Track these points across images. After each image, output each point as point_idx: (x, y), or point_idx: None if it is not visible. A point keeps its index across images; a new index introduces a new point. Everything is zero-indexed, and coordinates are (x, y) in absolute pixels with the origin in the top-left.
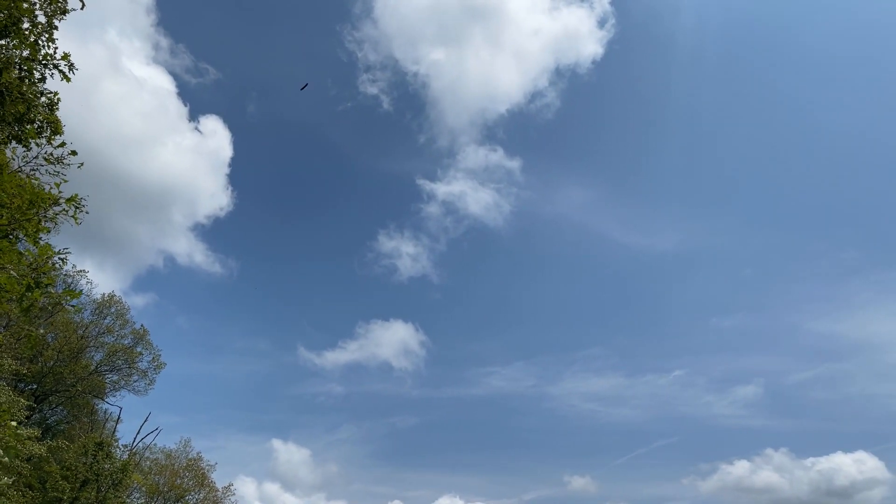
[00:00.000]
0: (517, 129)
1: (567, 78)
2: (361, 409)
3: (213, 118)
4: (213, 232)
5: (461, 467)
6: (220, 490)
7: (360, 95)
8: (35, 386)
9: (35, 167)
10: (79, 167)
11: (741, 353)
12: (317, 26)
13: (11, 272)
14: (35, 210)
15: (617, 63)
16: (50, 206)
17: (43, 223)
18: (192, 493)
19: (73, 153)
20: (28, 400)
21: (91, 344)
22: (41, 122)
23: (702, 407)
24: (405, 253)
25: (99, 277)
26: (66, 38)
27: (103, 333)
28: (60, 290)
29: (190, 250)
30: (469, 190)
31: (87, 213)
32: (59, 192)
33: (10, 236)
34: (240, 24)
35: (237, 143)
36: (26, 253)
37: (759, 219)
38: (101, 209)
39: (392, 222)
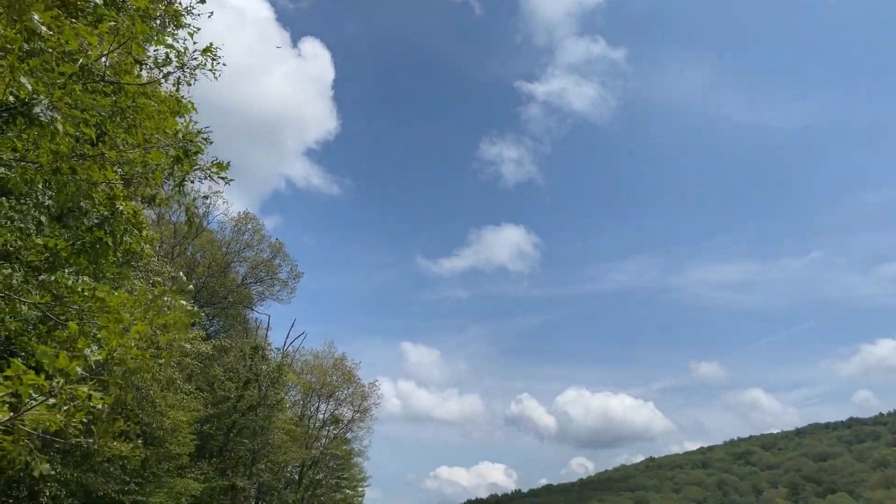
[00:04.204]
0: (619, 15)
1: None
2: (485, 311)
3: (313, 40)
4: (325, 155)
5: (586, 360)
6: (367, 386)
7: (451, 6)
8: (192, 301)
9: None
10: (209, 16)
11: (890, 229)
12: None
13: (159, 139)
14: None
15: None
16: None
17: (182, 76)
18: (342, 390)
19: (202, 1)
20: None
21: (235, 259)
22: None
23: (843, 288)
24: (508, 158)
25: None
26: None
27: (244, 249)
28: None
29: (306, 173)
30: (571, 86)
31: (224, 64)
32: (195, 42)
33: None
34: None
35: (338, 64)
36: (168, 124)
37: None
38: (222, 141)
39: (493, 129)
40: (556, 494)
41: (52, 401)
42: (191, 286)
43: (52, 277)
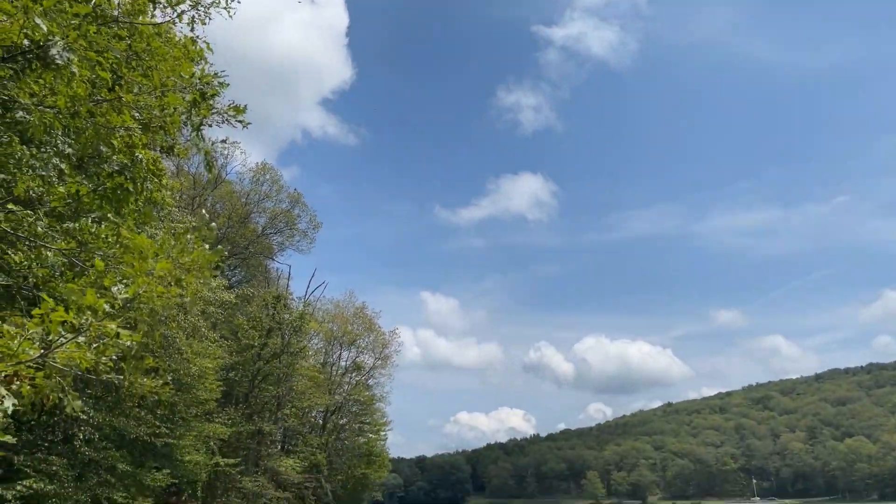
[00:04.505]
0: None
1: None
2: (503, 260)
3: None
4: (341, 104)
5: (605, 309)
6: (387, 334)
7: None
8: (216, 242)
9: None
10: None
11: None
12: None
13: (175, 81)
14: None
15: None
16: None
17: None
18: (363, 338)
19: None
20: None
21: (254, 209)
22: None
23: (868, 233)
24: (526, 105)
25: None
26: None
27: (263, 199)
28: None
29: (323, 123)
30: (589, 30)
31: (238, 1)
32: None
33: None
34: None
35: (351, 10)
36: (184, 67)
37: None
38: (236, 92)
39: (510, 75)
40: (575, 439)
41: (81, 338)
42: (214, 224)
43: (76, 225)
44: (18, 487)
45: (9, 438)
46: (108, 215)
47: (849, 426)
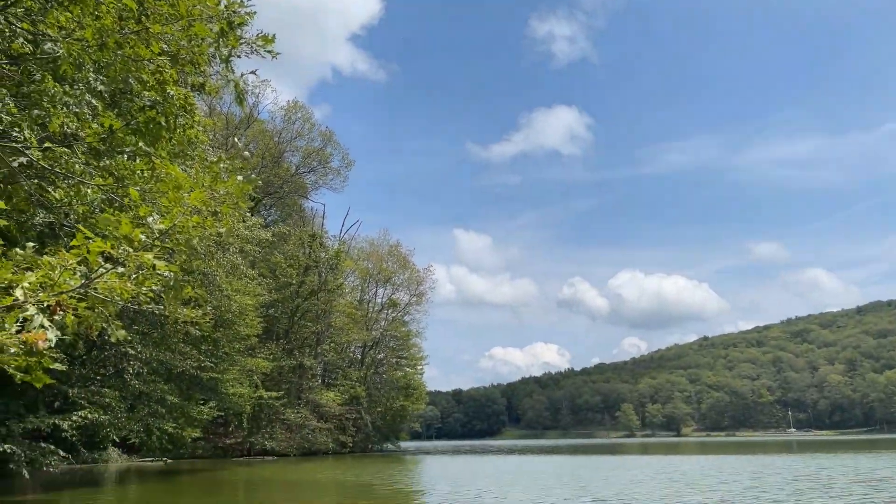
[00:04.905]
0: None
1: None
2: (537, 196)
3: None
4: (370, 39)
5: (640, 243)
6: (422, 271)
7: None
8: (250, 172)
9: None
10: None
11: None
12: None
13: (201, 11)
14: None
15: None
16: None
17: None
18: (398, 275)
19: None
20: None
21: (287, 148)
22: None
23: None
24: (560, 36)
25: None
26: None
27: (295, 138)
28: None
29: (352, 60)
30: None
31: None
32: None
33: None
34: None
35: None
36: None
37: None
38: (263, 28)
39: (543, 5)
40: (609, 372)
41: (121, 269)
42: (246, 153)
43: (113, 161)
44: (74, 418)
45: (58, 366)
46: (141, 145)
47: (889, 358)
